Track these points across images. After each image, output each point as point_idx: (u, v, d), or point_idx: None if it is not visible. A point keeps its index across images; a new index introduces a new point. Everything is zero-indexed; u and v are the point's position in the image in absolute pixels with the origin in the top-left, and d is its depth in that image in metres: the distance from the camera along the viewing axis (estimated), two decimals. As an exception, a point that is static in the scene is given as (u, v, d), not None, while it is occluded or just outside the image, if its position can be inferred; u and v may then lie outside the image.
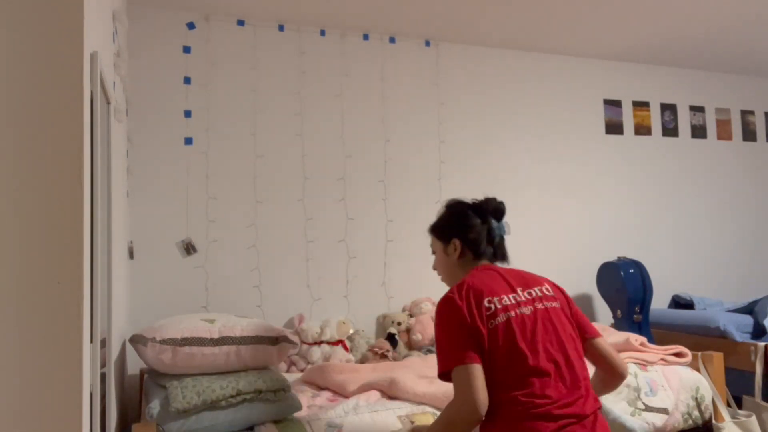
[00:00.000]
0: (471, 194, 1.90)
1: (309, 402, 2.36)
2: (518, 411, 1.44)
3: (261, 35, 3.31)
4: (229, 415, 1.98)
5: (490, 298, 1.55)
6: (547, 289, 1.66)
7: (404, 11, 3.25)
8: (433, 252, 1.84)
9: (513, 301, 1.57)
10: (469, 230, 1.73)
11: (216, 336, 2.12)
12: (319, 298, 3.33)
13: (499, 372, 1.47)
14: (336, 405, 2.24)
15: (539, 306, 1.59)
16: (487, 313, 1.52)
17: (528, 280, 1.66)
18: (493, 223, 1.74)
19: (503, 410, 1.46)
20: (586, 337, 1.66)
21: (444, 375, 1.51)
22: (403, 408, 2.24)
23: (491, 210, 1.75)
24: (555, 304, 1.62)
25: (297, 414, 2.14)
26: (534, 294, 1.61)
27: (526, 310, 1.56)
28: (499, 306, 1.54)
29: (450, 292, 1.60)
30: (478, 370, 1.46)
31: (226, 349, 2.11)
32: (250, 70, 3.27)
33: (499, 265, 1.75)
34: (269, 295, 3.22)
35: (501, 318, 1.52)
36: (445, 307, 1.57)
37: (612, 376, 1.68)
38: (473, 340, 1.49)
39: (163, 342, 2.06)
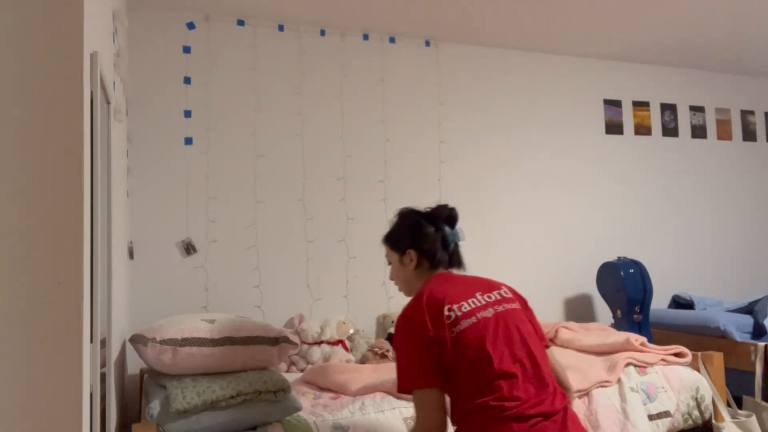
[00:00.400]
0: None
1: (312, 402, 2.35)
2: (489, 415, 1.44)
3: (261, 35, 3.30)
4: (229, 415, 1.98)
5: (449, 306, 1.55)
6: (505, 292, 1.67)
7: (404, 11, 3.25)
8: (389, 262, 1.83)
9: (473, 306, 1.57)
10: (423, 239, 1.73)
11: (216, 336, 2.12)
12: (319, 298, 3.33)
13: (466, 380, 1.48)
14: (342, 405, 2.24)
15: (499, 308, 1.59)
16: (448, 322, 1.53)
17: (486, 285, 1.67)
18: (447, 230, 1.74)
19: (474, 417, 1.46)
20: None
21: (404, 391, 1.53)
22: (409, 408, 2.24)
23: (444, 217, 1.76)
24: (515, 305, 1.64)
25: (303, 414, 2.14)
26: (493, 297, 1.62)
27: (487, 313, 1.57)
28: (459, 314, 1.54)
29: (410, 307, 1.60)
30: (437, 395, 1.49)
31: (226, 350, 2.11)
32: (250, 70, 3.27)
33: (455, 272, 1.76)
34: (269, 295, 3.22)
35: (463, 325, 1.52)
36: (406, 323, 1.57)
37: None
38: (434, 358, 1.50)
39: (164, 342, 2.06)
